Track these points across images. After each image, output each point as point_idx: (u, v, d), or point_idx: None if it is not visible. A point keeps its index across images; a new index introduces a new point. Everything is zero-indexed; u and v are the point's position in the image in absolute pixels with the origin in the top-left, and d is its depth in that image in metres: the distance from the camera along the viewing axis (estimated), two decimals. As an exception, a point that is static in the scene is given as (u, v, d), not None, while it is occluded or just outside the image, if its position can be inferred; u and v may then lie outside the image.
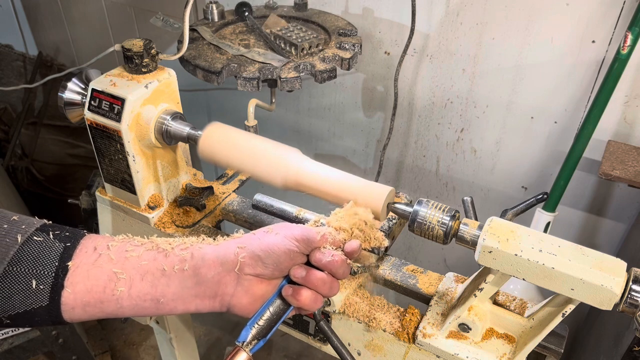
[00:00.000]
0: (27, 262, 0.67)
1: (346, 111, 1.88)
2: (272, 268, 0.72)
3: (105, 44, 1.29)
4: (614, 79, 1.28)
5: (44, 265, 0.67)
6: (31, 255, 0.67)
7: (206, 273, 0.70)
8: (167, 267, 0.70)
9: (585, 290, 0.69)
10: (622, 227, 1.59)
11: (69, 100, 1.05)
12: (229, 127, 0.94)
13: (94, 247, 0.71)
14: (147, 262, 0.70)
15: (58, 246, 0.69)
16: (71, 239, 0.71)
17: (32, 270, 0.67)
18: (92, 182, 1.36)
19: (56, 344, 1.92)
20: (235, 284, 0.72)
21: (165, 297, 0.70)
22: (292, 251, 0.72)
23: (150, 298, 0.70)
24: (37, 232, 0.70)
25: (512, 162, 1.67)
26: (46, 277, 0.67)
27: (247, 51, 1.32)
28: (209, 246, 0.73)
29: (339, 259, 0.73)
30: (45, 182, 2.64)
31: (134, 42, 1.02)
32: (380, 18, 1.63)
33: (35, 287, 0.66)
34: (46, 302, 0.67)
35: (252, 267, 0.71)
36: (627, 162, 1.30)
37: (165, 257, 0.71)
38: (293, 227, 0.75)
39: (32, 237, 0.69)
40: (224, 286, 0.71)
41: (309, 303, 0.73)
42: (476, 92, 1.60)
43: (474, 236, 0.77)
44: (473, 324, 0.84)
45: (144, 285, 0.69)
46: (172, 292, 0.70)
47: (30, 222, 0.71)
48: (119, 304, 0.69)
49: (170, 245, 0.73)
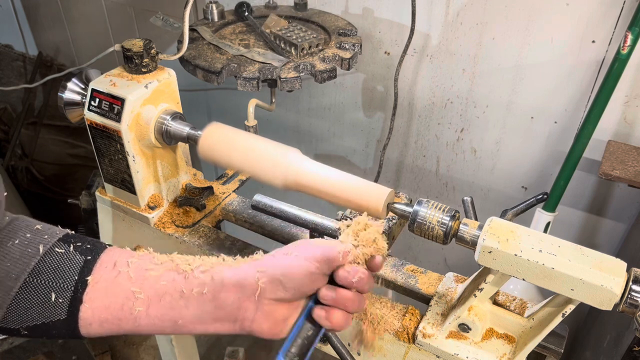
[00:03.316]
0: (48, 275, 0.67)
1: (346, 111, 1.88)
2: (292, 292, 0.70)
3: (105, 44, 1.29)
4: (614, 79, 1.27)
5: (64, 279, 0.67)
6: (52, 268, 0.67)
7: (226, 298, 0.69)
8: (185, 289, 0.68)
9: (585, 290, 0.69)
10: (622, 227, 1.59)
11: (69, 100, 1.05)
12: (229, 127, 0.94)
13: (114, 262, 0.70)
14: (166, 283, 0.69)
15: (79, 259, 0.69)
16: (92, 252, 0.70)
17: (52, 283, 0.66)
18: (92, 182, 1.36)
19: (56, 344, 1.92)
20: (255, 309, 0.70)
21: (184, 320, 0.69)
22: (313, 274, 0.69)
23: (169, 319, 0.69)
24: (59, 242, 0.69)
25: (512, 162, 1.67)
26: (65, 291, 0.67)
27: (247, 51, 1.32)
28: (229, 269, 0.71)
29: (365, 277, 0.71)
30: (45, 182, 2.64)
31: (134, 42, 1.02)
32: (380, 18, 1.62)
33: (54, 300, 0.66)
34: (64, 316, 0.67)
35: (273, 292, 0.69)
36: (627, 162, 1.30)
37: (184, 279, 0.69)
38: (313, 248, 0.72)
39: (53, 248, 0.68)
40: (244, 311, 0.69)
41: (342, 323, 0.71)
42: (476, 92, 1.60)
43: (473, 236, 0.77)
44: (473, 324, 0.84)
45: (162, 306, 0.68)
46: (190, 314, 0.69)
47: (52, 232, 0.71)
48: (137, 323, 0.68)
49: (189, 266, 0.71)
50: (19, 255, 0.67)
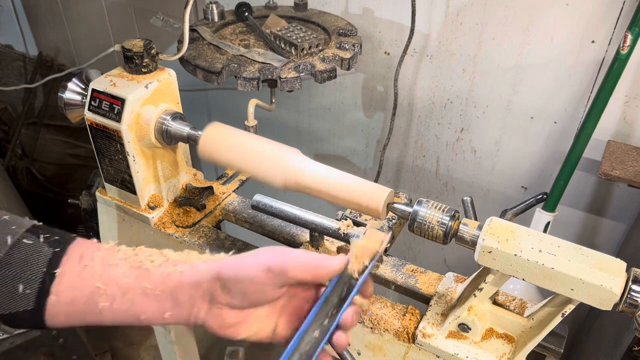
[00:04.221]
0: (15, 266, 0.66)
1: (346, 111, 1.88)
2: (239, 298, 0.68)
3: (105, 44, 1.29)
4: (613, 79, 1.28)
5: (31, 270, 0.67)
6: (20, 259, 0.67)
7: (181, 296, 0.69)
8: (148, 287, 0.69)
9: (584, 290, 0.69)
10: (621, 227, 1.59)
11: (69, 101, 1.05)
12: (229, 127, 0.94)
13: (81, 255, 0.70)
14: (130, 280, 0.69)
15: (47, 251, 0.68)
16: (60, 244, 0.70)
17: (20, 274, 0.66)
18: (92, 182, 1.36)
19: (56, 344, 1.92)
20: (207, 309, 0.69)
21: (146, 314, 0.69)
22: (259, 283, 0.67)
23: (132, 314, 0.69)
24: (27, 234, 0.69)
25: (512, 162, 1.67)
26: (33, 282, 0.67)
27: (247, 51, 1.32)
28: (189, 268, 0.70)
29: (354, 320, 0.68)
30: (45, 182, 2.65)
31: (134, 42, 1.02)
32: (380, 18, 1.63)
33: (22, 291, 0.66)
34: (31, 307, 0.67)
35: (221, 296, 0.68)
36: (627, 162, 1.30)
37: (147, 277, 0.70)
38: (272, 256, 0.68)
39: (21, 239, 0.68)
40: (197, 311, 0.70)
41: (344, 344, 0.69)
42: (476, 92, 1.60)
43: (473, 236, 0.77)
44: (473, 324, 0.84)
45: (125, 302, 0.69)
46: (151, 310, 0.69)
47: (20, 223, 0.70)
48: (101, 317, 0.69)
49: (152, 263, 0.71)
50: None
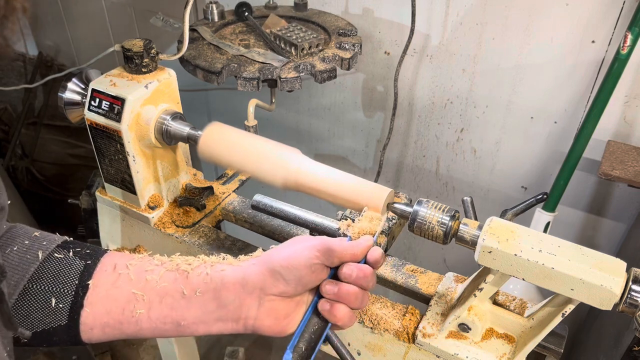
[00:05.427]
0: (47, 280, 0.66)
1: (346, 111, 1.88)
2: (294, 284, 0.68)
3: (105, 44, 1.29)
4: (613, 79, 1.28)
5: (64, 284, 0.66)
6: (51, 273, 0.66)
7: (227, 296, 0.68)
8: (187, 289, 0.68)
9: (585, 290, 0.69)
10: (622, 227, 1.59)
11: (69, 101, 1.05)
12: (229, 127, 0.94)
13: (114, 265, 0.69)
14: (167, 284, 0.68)
15: (78, 264, 0.68)
16: (92, 257, 0.69)
17: (52, 288, 0.66)
18: (92, 182, 1.36)
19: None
20: (258, 305, 0.69)
21: (186, 320, 0.68)
22: (313, 263, 0.68)
23: (171, 321, 0.68)
24: (58, 249, 0.69)
25: (512, 162, 1.67)
26: (66, 296, 0.66)
27: (247, 51, 1.32)
28: (230, 267, 0.70)
29: (368, 272, 0.70)
30: (45, 182, 2.65)
31: (134, 42, 1.02)
32: (380, 18, 1.63)
33: (54, 305, 0.65)
34: (65, 322, 0.66)
35: (274, 286, 0.68)
36: (627, 162, 1.30)
37: (185, 278, 0.68)
38: (312, 239, 0.71)
39: (52, 254, 0.68)
40: (247, 309, 0.68)
41: (346, 320, 0.70)
42: (476, 92, 1.60)
43: (473, 236, 0.77)
44: (473, 324, 0.84)
45: (164, 307, 0.67)
46: (192, 315, 0.68)
47: (51, 239, 0.70)
48: (139, 326, 0.67)
49: (190, 265, 0.70)
50: (17, 261, 0.66)
